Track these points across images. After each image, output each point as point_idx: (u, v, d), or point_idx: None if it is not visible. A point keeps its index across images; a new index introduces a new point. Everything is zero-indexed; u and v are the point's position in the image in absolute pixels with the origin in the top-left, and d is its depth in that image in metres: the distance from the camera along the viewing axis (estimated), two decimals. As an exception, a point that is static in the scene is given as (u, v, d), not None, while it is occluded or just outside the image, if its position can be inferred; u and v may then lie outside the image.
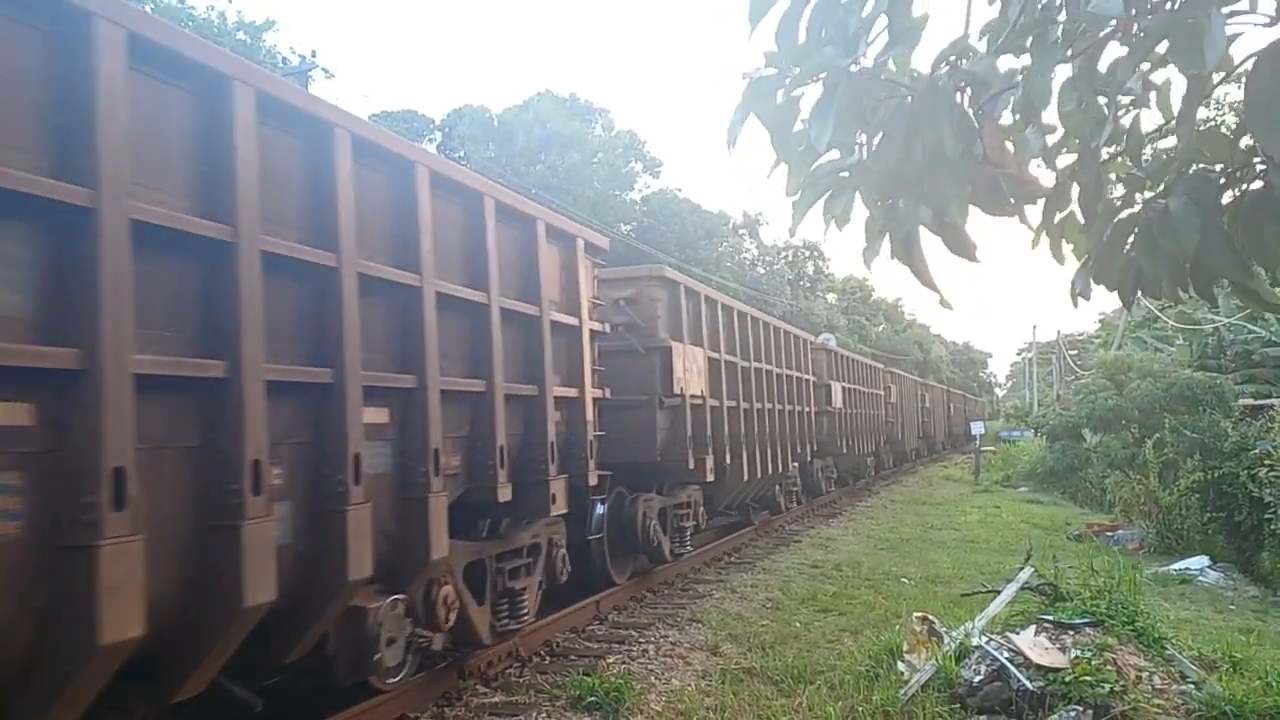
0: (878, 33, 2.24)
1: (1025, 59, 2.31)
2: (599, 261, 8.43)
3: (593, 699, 6.34)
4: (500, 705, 6.44)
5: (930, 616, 7.50)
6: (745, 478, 12.69)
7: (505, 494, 6.21)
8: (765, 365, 13.92)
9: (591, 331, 7.89)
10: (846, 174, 2.35)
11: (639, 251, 34.58)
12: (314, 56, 29.85)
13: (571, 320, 7.50)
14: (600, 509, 9.11)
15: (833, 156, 2.35)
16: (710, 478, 11.04)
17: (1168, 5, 2.17)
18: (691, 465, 10.40)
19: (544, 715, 6.22)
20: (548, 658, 7.67)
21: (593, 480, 7.72)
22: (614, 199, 42.64)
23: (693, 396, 10.45)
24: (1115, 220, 2.47)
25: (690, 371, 10.46)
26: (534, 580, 7.30)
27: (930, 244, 2.46)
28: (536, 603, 7.37)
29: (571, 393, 7.43)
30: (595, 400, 7.84)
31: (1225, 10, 1.97)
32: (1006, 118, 2.40)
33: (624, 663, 7.38)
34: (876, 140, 2.33)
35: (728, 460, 11.70)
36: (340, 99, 40.93)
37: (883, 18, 2.21)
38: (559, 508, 7.02)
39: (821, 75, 2.20)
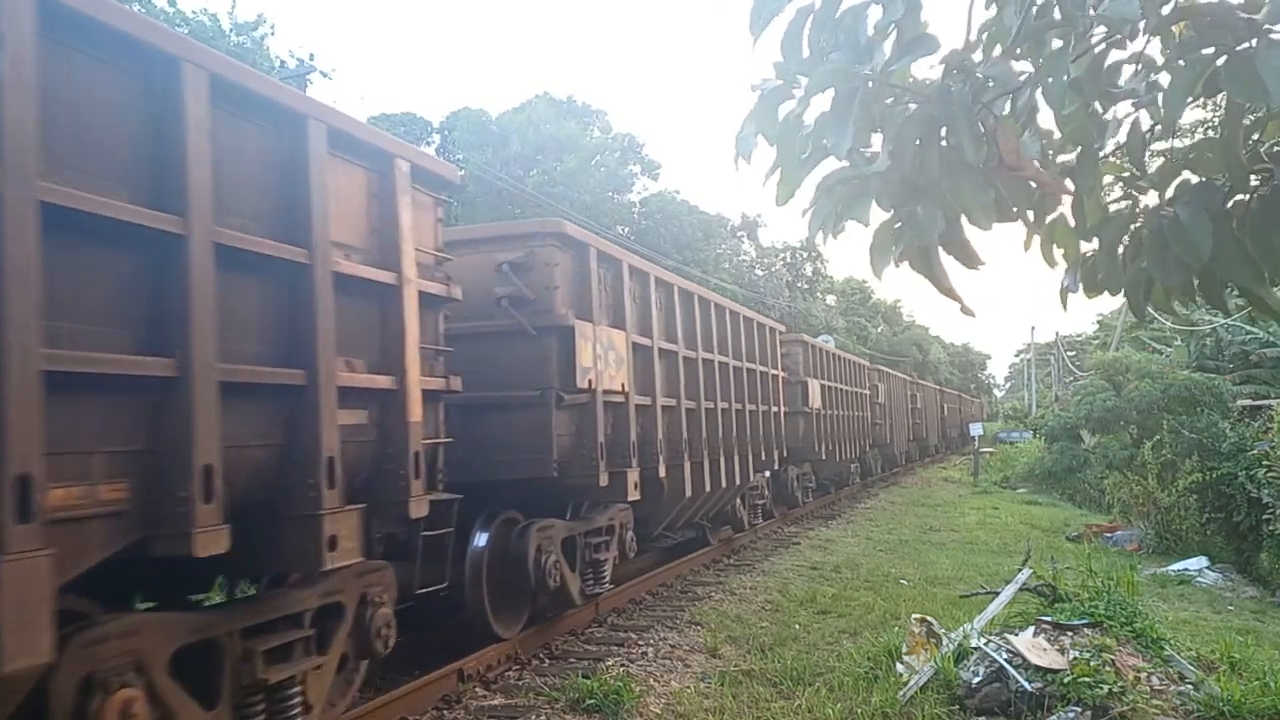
0: (887, 36, 2.25)
1: (1027, 63, 2.31)
2: (444, 199, 6.14)
3: (592, 701, 6.33)
4: (500, 708, 6.44)
5: (929, 618, 7.50)
6: (689, 493, 10.28)
7: (213, 544, 3.87)
8: (719, 357, 11.51)
9: (424, 295, 5.59)
10: (859, 181, 2.34)
11: (637, 254, 34.55)
12: (312, 59, 29.86)
13: (384, 277, 5.25)
14: (479, 541, 7.31)
15: (832, 166, 2.35)
16: (634, 495, 8.70)
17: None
18: (605, 481, 8.08)
19: (543, 718, 6.21)
20: (547, 660, 7.67)
21: (418, 510, 5.35)
22: (612, 201, 42.65)
23: (609, 392, 8.19)
24: (1123, 228, 2.47)
25: (605, 360, 8.12)
26: (321, 662, 5.00)
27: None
28: (335, 695, 5.25)
29: (383, 382, 5.19)
30: (430, 393, 5.62)
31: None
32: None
33: (623, 665, 7.37)
34: (886, 148, 2.32)
35: (662, 473, 9.41)
36: (339, 101, 41.03)
37: (890, 27, 2.21)
38: (343, 555, 4.64)
39: (832, 85, 2.21)
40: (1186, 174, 2.50)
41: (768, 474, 15.32)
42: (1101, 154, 2.48)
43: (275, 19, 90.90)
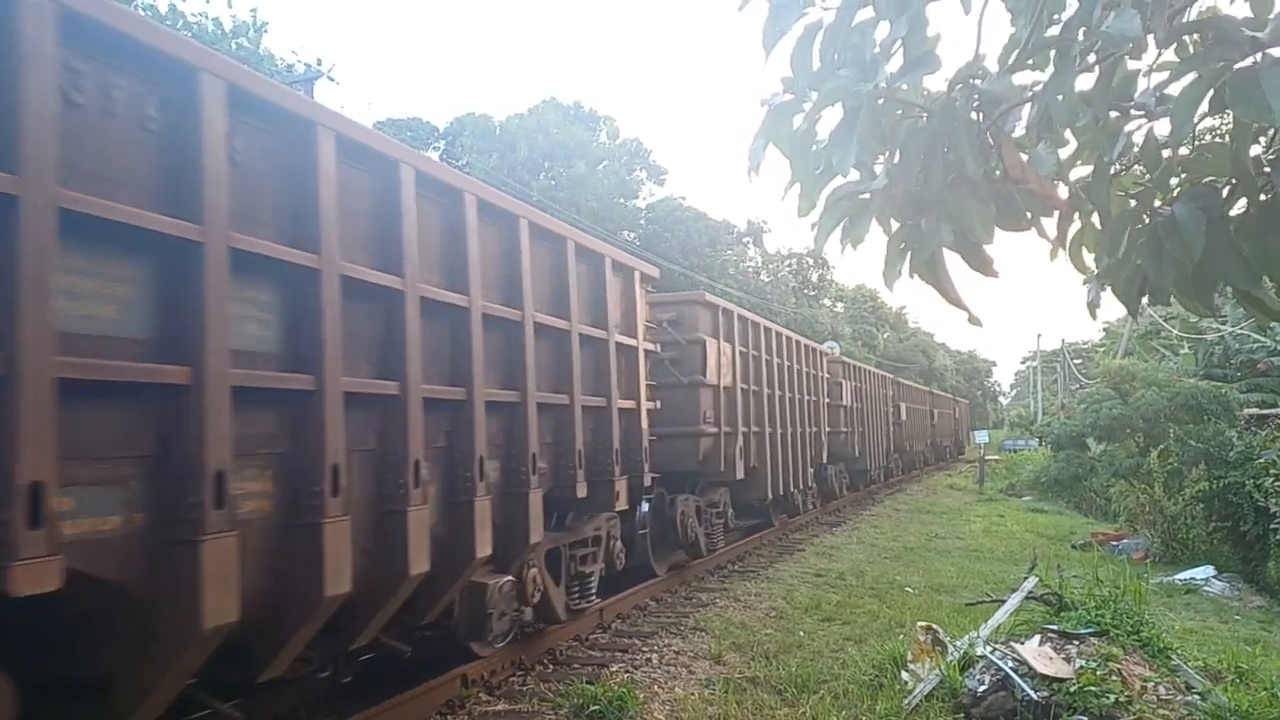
0: (892, 53, 2.27)
1: (1037, 74, 2.32)
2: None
3: (596, 708, 6.32)
4: (503, 713, 6.43)
5: (934, 626, 7.48)
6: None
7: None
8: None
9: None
10: (866, 196, 2.36)
11: (643, 259, 34.61)
12: (319, 64, 29.91)
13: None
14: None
15: (849, 178, 2.37)
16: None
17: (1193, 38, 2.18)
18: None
19: (548, 724, 6.20)
20: (551, 666, 7.66)
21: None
22: (618, 207, 42.71)
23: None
24: (1128, 232, 2.48)
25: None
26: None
27: (947, 259, 2.47)
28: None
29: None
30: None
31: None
32: (1018, 131, 2.41)
33: (627, 671, 7.37)
34: (895, 161, 2.34)
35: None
36: (345, 106, 41.11)
37: (897, 42, 2.23)
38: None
39: (839, 100, 2.23)
40: (1188, 176, 2.51)
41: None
42: (1116, 166, 2.48)
43: (280, 22, 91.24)
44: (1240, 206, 2.35)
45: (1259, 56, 1.96)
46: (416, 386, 5.16)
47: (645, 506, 10.33)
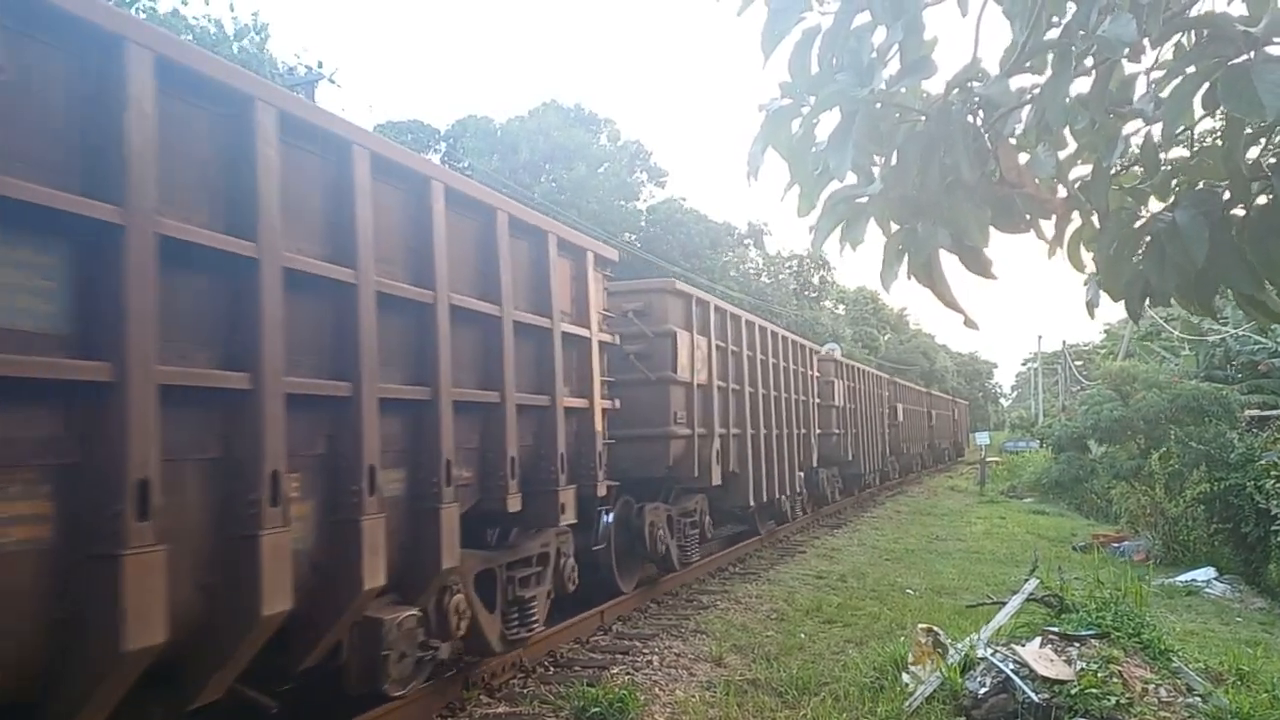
0: (889, 57, 2.28)
1: (1035, 77, 2.33)
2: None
3: (596, 710, 6.33)
4: (504, 715, 6.43)
5: (935, 628, 7.48)
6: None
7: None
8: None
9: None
10: (864, 199, 2.37)
11: (644, 261, 34.69)
12: (320, 67, 29.92)
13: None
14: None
15: (848, 180, 2.38)
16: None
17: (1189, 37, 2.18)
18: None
19: (548, 726, 6.20)
20: (552, 668, 7.67)
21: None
22: (619, 209, 42.72)
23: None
24: (1123, 233, 2.48)
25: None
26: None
27: (945, 262, 2.48)
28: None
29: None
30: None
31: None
32: (1017, 132, 2.42)
33: (628, 673, 7.37)
34: (892, 165, 2.35)
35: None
36: (346, 108, 41.21)
37: (894, 46, 2.24)
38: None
39: (837, 104, 2.24)
40: (1186, 179, 2.51)
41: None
42: (1114, 168, 2.49)
43: (283, 25, 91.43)
44: (1238, 210, 2.35)
45: (1251, 54, 1.97)
46: (275, 380, 4.16)
47: (609, 518, 9.36)
